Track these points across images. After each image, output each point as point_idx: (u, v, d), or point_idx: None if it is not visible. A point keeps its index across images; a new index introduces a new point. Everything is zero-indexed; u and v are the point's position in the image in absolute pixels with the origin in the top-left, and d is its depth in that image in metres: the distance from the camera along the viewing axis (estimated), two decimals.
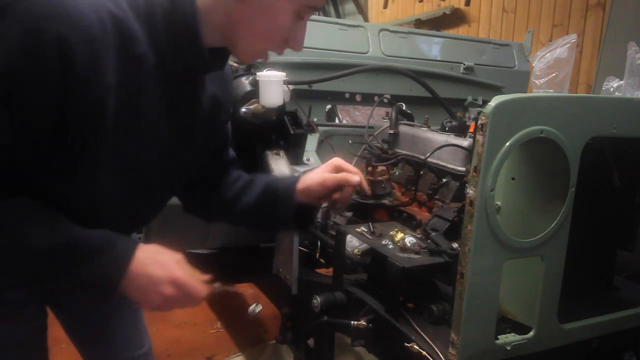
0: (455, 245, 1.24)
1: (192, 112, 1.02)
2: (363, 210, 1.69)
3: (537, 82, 1.99)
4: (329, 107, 2.28)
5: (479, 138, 0.96)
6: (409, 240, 1.29)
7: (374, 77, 2.28)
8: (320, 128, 1.98)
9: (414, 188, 1.62)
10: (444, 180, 1.56)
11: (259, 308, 1.04)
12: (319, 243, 1.72)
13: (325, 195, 1.20)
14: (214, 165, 1.21)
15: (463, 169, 1.51)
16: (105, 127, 0.84)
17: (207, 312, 2.94)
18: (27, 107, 0.77)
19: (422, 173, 1.66)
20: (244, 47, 0.96)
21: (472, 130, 1.60)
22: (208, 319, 2.90)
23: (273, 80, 1.62)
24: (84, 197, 0.91)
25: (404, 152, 1.74)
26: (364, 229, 1.38)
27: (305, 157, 1.85)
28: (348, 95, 2.31)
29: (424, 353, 1.10)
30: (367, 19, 5.50)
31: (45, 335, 1.14)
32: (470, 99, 2.50)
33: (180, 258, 0.92)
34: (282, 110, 1.72)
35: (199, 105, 1.03)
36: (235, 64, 1.65)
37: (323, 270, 1.77)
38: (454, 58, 2.54)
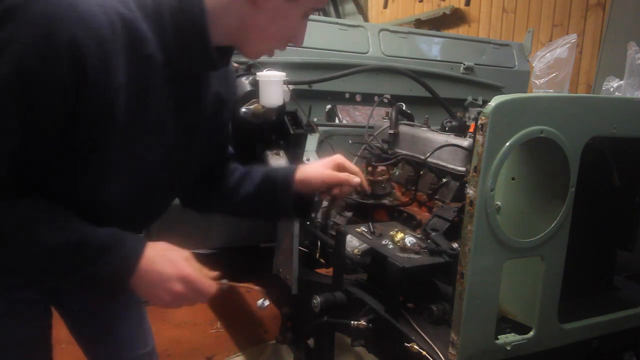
0: (455, 245, 1.24)
1: (197, 110, 1.03)
2: (363, 210, 1.69)
3: (537, 82, 1.99)
4: (329, 107, 2.28)
5: (479, 138, 0.96)
6: (409, 240, 1.29)
7: (374, 77, 2.28)
8: (320, 128, 1.98)
9: (414, 188, 1.62)
10: (444, 180, 1.56)
11: (267, 302, 1.06)
12: (319, 243, 1.72)
13: (324, 190, 1.21)
14: (216, 162, 1.21)
15: (463, 169, 1.51)
16: (115, 127, 0.85)
17: (207, 312, 2.93)
18: (37, 107, 0.78)
19: (422, 173, 1.66)
20: (253, 46, 0.99)
21: (472, 130, 1.60)
22: (208, 319, 2.89)
23: (273, 80, 1.62)
24: (94, 196, 0.91)
25: (404, 152, 1.74)
26: (364, 229, 1.38)
27: (305, 157, 1.84)
28: (348, 95, 2.31)
29: (424, 353, 1.10)
30: (367, 19, 5.49)
31: (51, 334, 1.15)
32: (470, 99, 2.50)
33: (189, 255, 0.92)
34: (282, 110, 1.72)
35: (204, 103, 1.04)
36: (236, 64, 1.65)
37: (323, 270, 1.77)
38: (454, 58, 2.54)
